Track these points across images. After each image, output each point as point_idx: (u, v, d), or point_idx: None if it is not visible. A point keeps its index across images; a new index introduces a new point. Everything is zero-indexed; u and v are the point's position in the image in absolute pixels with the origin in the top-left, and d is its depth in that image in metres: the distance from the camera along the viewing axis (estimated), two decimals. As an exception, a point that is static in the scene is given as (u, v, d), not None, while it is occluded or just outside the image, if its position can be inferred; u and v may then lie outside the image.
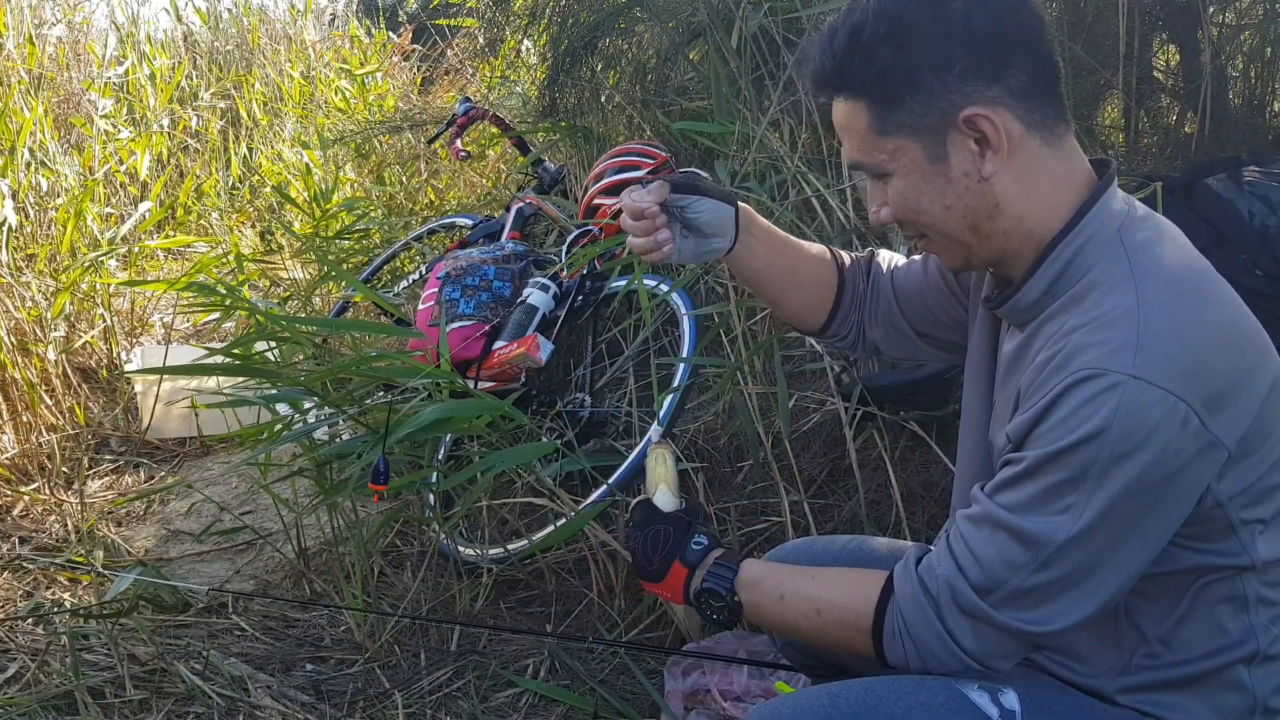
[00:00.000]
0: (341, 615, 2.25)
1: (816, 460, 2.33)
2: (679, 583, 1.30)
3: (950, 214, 1.10)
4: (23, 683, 1.97)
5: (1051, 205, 1.09)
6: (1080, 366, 0.99)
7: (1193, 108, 2.81)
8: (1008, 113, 1.05)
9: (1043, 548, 1.01)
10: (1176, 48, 3.06)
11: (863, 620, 1.14)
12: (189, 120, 5.73)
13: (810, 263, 1.45)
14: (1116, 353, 0.98)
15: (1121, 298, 1.02)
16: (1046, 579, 1.02)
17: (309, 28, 6.92)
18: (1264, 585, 1.07)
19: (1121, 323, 1.00)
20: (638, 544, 1.33)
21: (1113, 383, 0.96)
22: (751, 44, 2.70)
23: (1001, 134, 1.05)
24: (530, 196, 3.35)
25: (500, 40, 5.12)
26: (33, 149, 4.21)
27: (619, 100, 3.50)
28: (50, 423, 3.16)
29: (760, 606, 1.24)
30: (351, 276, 2.92)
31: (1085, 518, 0.99)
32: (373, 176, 5.16)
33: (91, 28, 6.12)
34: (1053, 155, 1.09)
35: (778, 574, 1.25)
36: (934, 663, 1.09)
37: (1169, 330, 0.99)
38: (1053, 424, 1.00)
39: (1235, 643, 1.08)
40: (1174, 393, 0.96)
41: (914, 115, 1.06)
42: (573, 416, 2.50)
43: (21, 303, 3.38)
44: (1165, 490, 0.99)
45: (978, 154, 1.06)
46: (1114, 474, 0.97)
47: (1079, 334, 1.02)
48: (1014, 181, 1.07)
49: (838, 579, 1.22)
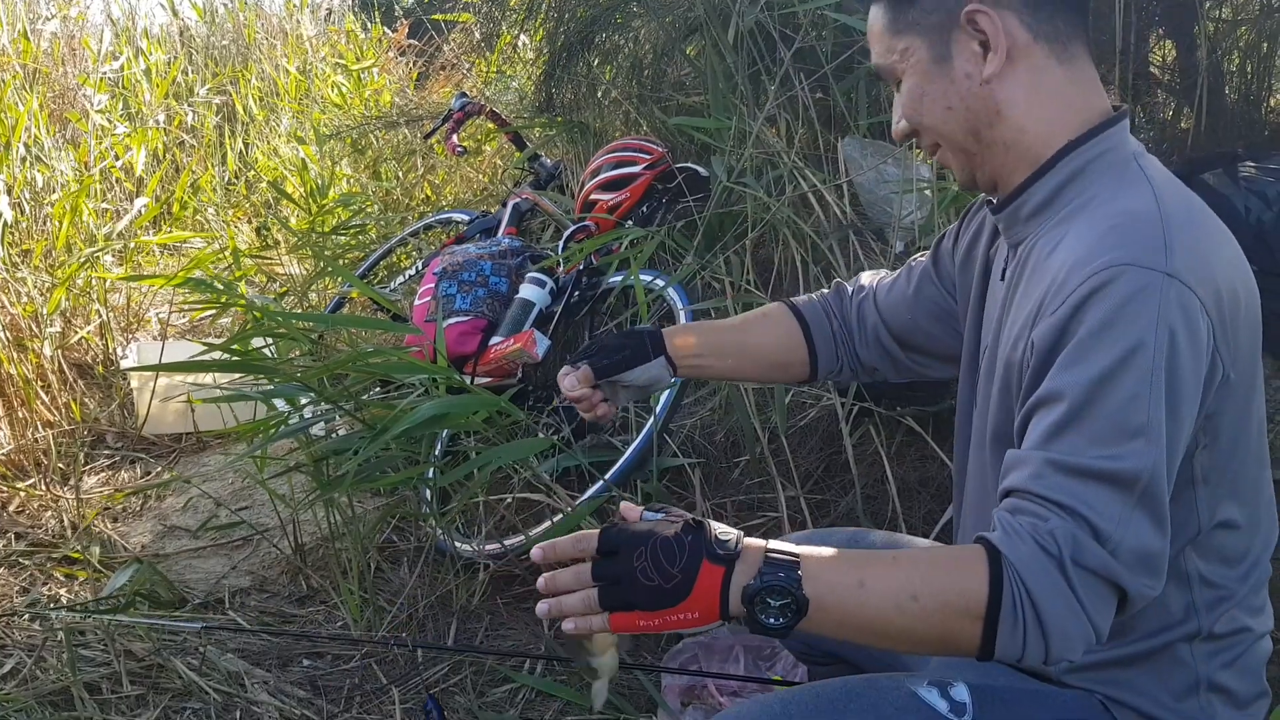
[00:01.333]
0: (339, 611, 2.25)
1: (813, 455, 2.33)
2: (713, 589, 0.96)
3: (952, 116, 1.10)
4: (19, 679, 1.97)
5: (1057, 120, 1.07)
6: (1107, 264, 0.94)
7: (1189, 103, 2.82)
8: (1014, 17, 1.06)
9: (1136, 482, 0.91)
10: (1173, 43, 3.07)
11: (973, 599, 0.92)
12: (184, 116, 5.72)
13: (761, 335, 1.46)
14: (1146, 251, 0.94)
15: (1141, 202, 0.99)
16: (1151, 522, 0.92)
17: (305, 23, 6.91)
18: (1204, 563, 1.05)
19: (1146, 223, 0.96)
20: (642, 561, 0.97)
21: (1147, 281, 0.92)
22: (748, 39, 2.70)
23: (1001, 34, 1.05)
24: (527, 192, 3.34)
25: (496, 35, 5.11)
26: (28, 144, 4.20)
27: (615, 96, 3.50)
28: (46, 419, 3.15)
29: (830, 601, 0.95)
30: (348, 272, 2.92)
31: (1158, 435, 0.92)
32: (369, 172, 5.16)
33: (87, 23, 6.10)
34: (1062, 71, 1.07)
35: (848, 559, 0.99)
36: (1059, 639, 0.92)
37: (1191, 239, 0.96)
38: (1091, 330, 0.93)
39: (1178, 621, 1.06)
40: (1202, 301, 0.93)
41: (923, 13, 1.09)
42: (569, 412, 2.50)
43: (17, 298, 3.37)
44: (1192, 397, 0.94)
45: (980, 55, 1.07)
46: (1167, 377, 0.92)
47: (1096, 233, 0.98)
48: (1017, 88, 1.07)
49: (926, 557, 1.01)
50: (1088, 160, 1.06)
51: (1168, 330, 0.92)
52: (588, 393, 1.39)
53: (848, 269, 2.36)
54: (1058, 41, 1.07)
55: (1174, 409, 0.93)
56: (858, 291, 1.47)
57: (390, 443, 1.97)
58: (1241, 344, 0.99)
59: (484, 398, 2.02)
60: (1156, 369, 0.92)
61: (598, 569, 0.99)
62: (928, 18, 1.09)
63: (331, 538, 2.33)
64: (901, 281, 1.42)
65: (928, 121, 1.12)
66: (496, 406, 2.00)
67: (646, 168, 2.81)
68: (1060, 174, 1.07)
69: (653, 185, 2.79)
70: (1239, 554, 1.08)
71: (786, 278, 2.54)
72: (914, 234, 2.41)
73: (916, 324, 1.39)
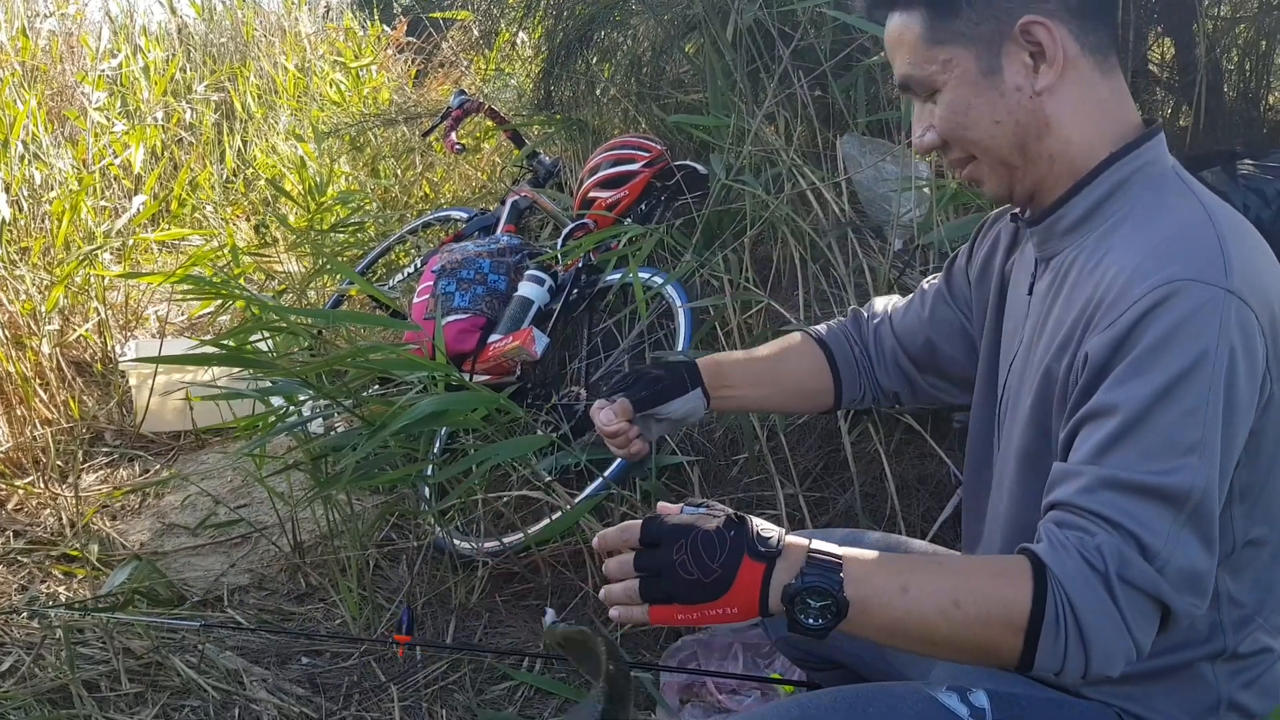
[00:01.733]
0: (337, 609, 2.25)
1: (811, 453, 2.33)
2: (754, 585, 0.96)
3: (999, 130, 1.06)
4: (18, 676, 1.97)
5: (1099, 133, 1.06)
6: (1168, 278, 0.92)
7: (1188, 101, 2.82)
8: (1064, 28, 1.03)
9: (1187, 500, 0.90)
10: (1172, 41, 3.07)
11: (1016, 610, 0.91)
12: (183, 113, 5.71)
13: (791, 364, 1.44)
14: (1207, 267, 0.92)
15: (1192, 215, 0.98)
16: (1200, 541, 0.91)
17: (304, 20, 6.90)
18: (1234, 582, 1.04)
19: (1202, 236, 0.95)
20: (683, 554, 0.97)
21: (1209, 297, 0.90)
22: (747, 37, 2.70)
23: (1059, 46, 1.03)
24: (525, 190, 3.34)
25: (495, 33, 5.11)
26: (26, 142, 4.20)
27: (614, 93, 3.50)
28: (45, 416, 3.15)
29: (874, 603, 0.95)
30: (347, 269, 2.92)
31: (1213, 453, 0.91)
32: (367, 170, 5.15)
33: (85, 20, 6.09)
34: (1104, 83, 1.06)
35: (893, 562, 0.99)
36: (1101, 655, 0.91)
37: (1247, 257, 0.95)
38: (1151, 345, 0.91)
39: (1202, 639, 1.05)
40: (1259, 319, 0.92)
41: (970, 23, 1.04)
42: (568, 410, 2.50)
43: (16, 296, 3.37)
44: (1246, 418, 0.94)
45: (1031, 68, 1.04)
46: (1226, 395, 0.91)
47: (1152, 245, 0.96)
48: (1066, 101, 1.05)
49: (972, 566, 1.02)
50: (1130, 173, 1.05)
51: (1228, 348, 0.91)
52: (624, 427, 1.34)
53: (846, 266, 2.36)
54: (1100, 53, 1.06)
55: (1229, 428, 0.92)
56: (873, 317, 1.46)
57: (389, 440, 1.97)
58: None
59: (483, 395, 2.02)
60: (1215, 387, 0.90)
61: (640, 560, 0.99)
62: (975, 28, 1.04)
63: (330, 535, 2.33)
64: (915, 304, 1.41)
65: (973, 136, 1.08)
66: (495, 404, 2.00)
67: (645, 165, 2.80)
68: (1102, 187, 1.05)
69: (651, 183, 2.79)
70: (1266, 572, 1.07)
71: (785, 275, 2.54)
72: (912, 231, 2.41)
73: (932, 346, 1.38)
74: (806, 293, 2.45)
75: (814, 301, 2.44)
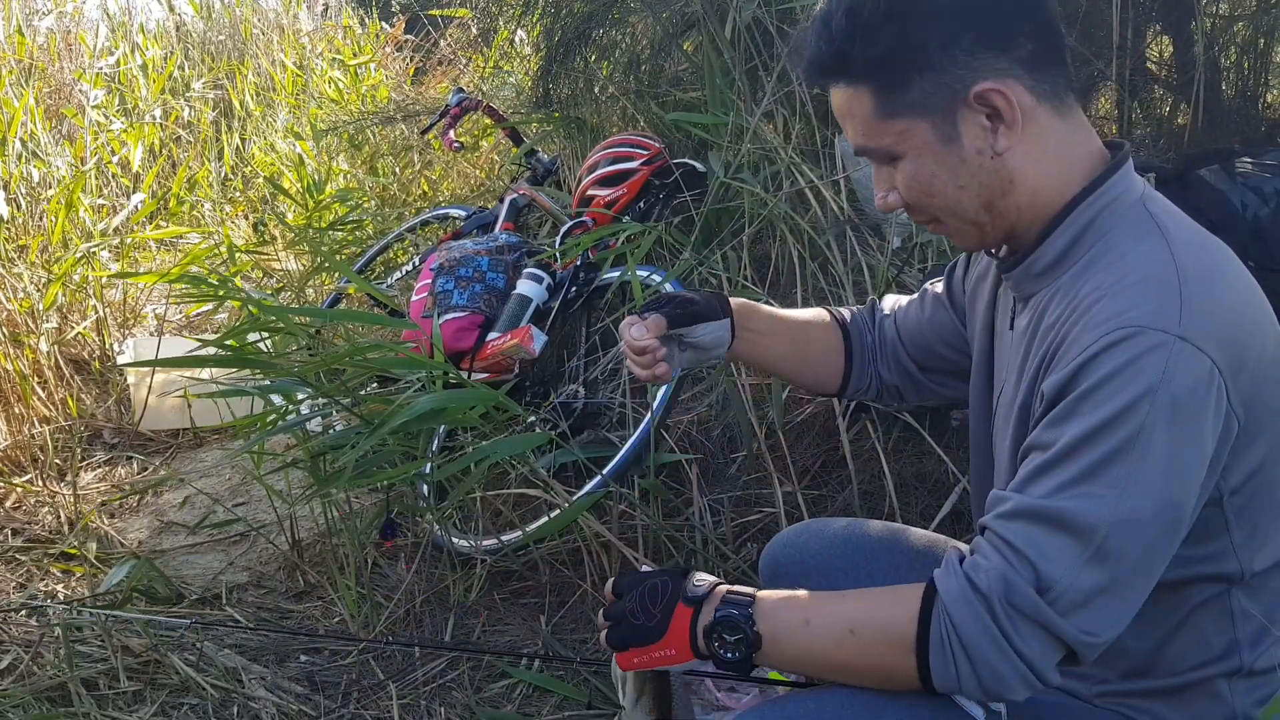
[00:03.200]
0: (335, 607, 2.25)
1: (810, 451, 2.33)
2: (684, 628, 1.09)
3: (964, 194, 1.06)
4: (16, 674, 1.97)
5: (1065, 175, 1.05)
6: (1121, 324, 0.93)
7: (1186, 99, 2.82)
8: (1018, 85, 1.02)
9: (1094, 533, 0.92)
10: (1170, 39, 3.07)
11: (904, 632, 0.98)
12: (180, 111, 5.70)
13: (814, 333, 1.44)
14: (1160, 312, 0.93)
15: (1154, 256, 0.98)
16: (1104, 576, 0.93)
17: (302, 18, 6.90)
18: (1249, 599, 1.05)
19: (1160, 280, 0.95)
20: (633, 603, 1.12)
21: (1158, 342, 0.92)
22: (745, 35, 2.70)
23: (1015, 108, 1.02)
24: (524, 188, 3.34)
25: (494, 30, 5.11)
26: (24, 139, 4.19)
27: (613, 91, 3.50)
28: (43, 414, 3.15)
29: (783, 637, 1.05)
30: (345, 267, 2.92)
31: (1134, 492, 0.92)
32: (366, 168, 5.15)
33: (83, 18, 6.09)
34: (1064, 125, 1.05)
35: (800, 598, 1.08)
36: (989, 675, 0.95)
37: (1207, 293, 0.95)
38: (1093, 385, 0.93)
39: (1219, 657, 1.06)
40: (1213, 359, 0.93)
41: (922, 94, 1.02)
42: (566, 408, 2.50)
43: (13, 294, 3.37)
44: (1198, 462, 0.94)
45: (990, 130, 1.03)
46: (1159, 439, 0.91)
47: (1112, 290, 0.97)
48: (1027, 155, 1.04)
49: (871, 595, 1.08)
50: (1098, 211, 1.04)
51: (1170, 393, 0.91)
52: (653, 344, 1.30)
53: (845, 264, 2.36)
54: (1055, 98, 1.05)
55: (1174, 467, 0.93)
56: (881, 312, 1.47)
57: (387, 438, 1.97)
58: (1256, 369, 0.98)
59: (481, 393, 2.02)
60: (1149, 428, 0.91)
61: (608, 611, 1.14)
62: (929, 99, 1.02)
63: (329, 533, 2.33)
64: (916, 305, 1.42)
65: (939, 203, 1.07)
66: (494, 402, 1.99)
67: (644, 163, 2.80)
68: (1072, 228, 1.05)
69: (650, 181, 2.79)
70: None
71: (784, 273, 2.54)
72: (910, 230, 2.41)
73: (931, 347, 1.39)
74: (805, 291, 2.45)
75: (812, 299, 2.44)
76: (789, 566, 1.45)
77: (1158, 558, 0.95)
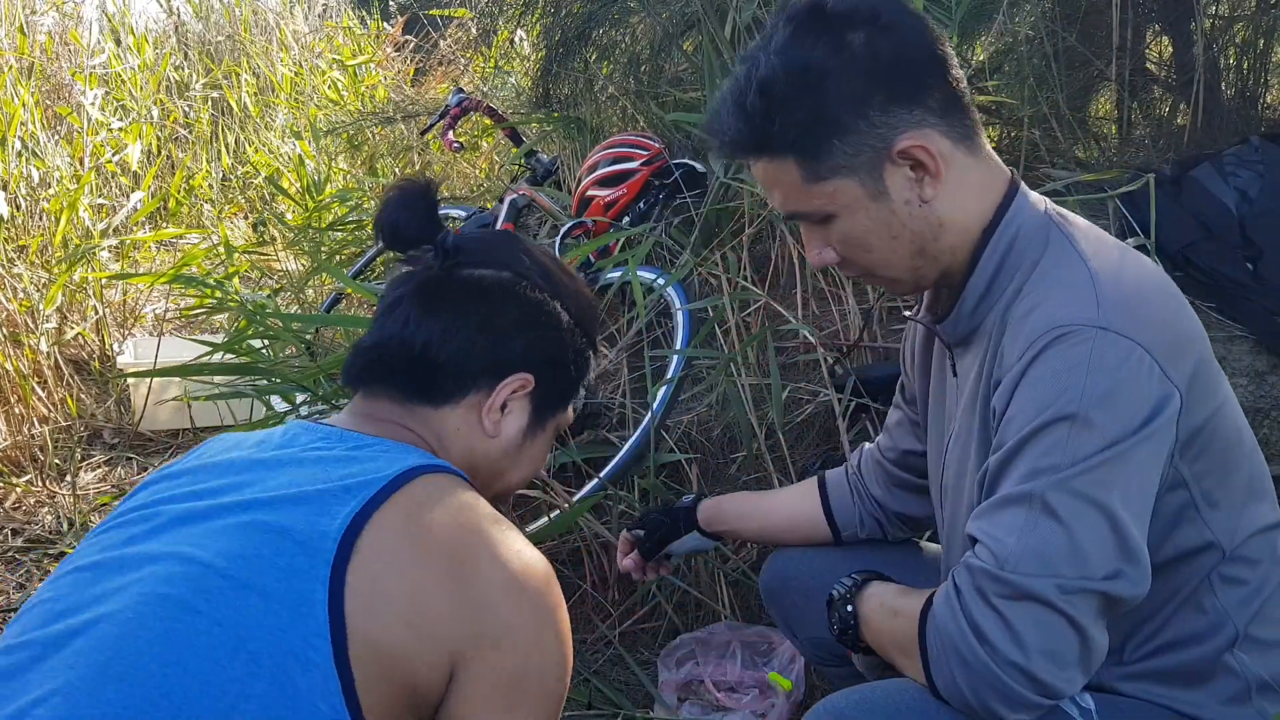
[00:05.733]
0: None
1: (809, 451, 2.33)
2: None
3: (898, 243, 1.10)
4: (16, 675, 1.97)
5: (984, 209, 1.11)
6: (1047, 328, 1.00)
7: (1185, 99, 2.82)
8: (935, 133, 1.06)
9: (1031, 496, 0.97)
10: (1169, 39, 3.07)
11: (909, 637, 1.04)
12: (179, 112, 5.70)
13: (790, 507, 1.57)
14: (1078, 309, 1.00)
15: (1070, 263, 1.05)
16: (1058, 530, 0.96)
17: (301, 18, 6.89)
18: (1226, 565, 1.08)
19: (1076, 282, 1.03)
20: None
21: (1082, 337, 0.98)
22: (745, 35, 2.70)
23: (937, 157, 1.06)
24: (523, 188, 3.34)
25: (493, 31, 5.10)
26: (24, 139, 4.19)
27: (612, 91, 3.50)
28: (42, 414, 3.15)
29: (871, 617, 1.14)
30: (340, 271, 2.92)
31: (1071, 455, 0.96)
32: (365, 168, 5.15)
33: (81, 18, 6.08)
34: (978, 162, 1.10)
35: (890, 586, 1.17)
36: (968, 677, 0.97)
37: (1120, 284, 1.02)
38: (1032, 387, 0.99)
39: (1214, 629, 1.08)
40: (1137, 341, 0.98)
41: (845, 157, 1.06)
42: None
43: (13, 294, 3.37)
44: (1144, 441, 0.98)
45: (915, 180, 1.07)
46: (1095, 425, 0.96)
47: (1040, 304, 1.04)
48: (952, 198, 1.08)
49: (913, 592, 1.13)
50: (1010, 238, 1.09)
51: (1102, 378, 0.97)
52: (637, 568, 1.63)
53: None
54: (967, 138, 1.09)
55: (1126, 448, 0.97)
56: (860, 455, 1.55)
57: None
58: (1190, 351, 1.04)
59: (481, 394, 2.01)
60: (1084, 412, 0.96)
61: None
62: (852, 160, 1.06)
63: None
64: (890, 421, 1.49)
65: (876, 256, 1.11)
66: (493, 402, 1.99)
67: (644, 164, 2.80)
68: (995, 253, 1.10)
69: (650, 181, 2.79)
70: (1269, 555, 1.11)
71: (784, 274, 2.54)
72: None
73: (903, 455, 1.44)
74: (805, 291, 2.45)
75: (812, 300, 2.44)
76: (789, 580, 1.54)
77: (1104, 495, 0.96)
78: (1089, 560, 0.95)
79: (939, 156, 1.06)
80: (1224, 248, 2.18)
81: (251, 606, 0.89)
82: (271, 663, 0.87)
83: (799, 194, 1.10)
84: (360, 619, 0.89)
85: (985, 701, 0.96)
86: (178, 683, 0.86)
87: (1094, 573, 0.96)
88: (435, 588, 0.93)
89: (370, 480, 0.97)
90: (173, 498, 1.01)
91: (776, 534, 1.59)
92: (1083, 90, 2.93)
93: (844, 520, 1.51)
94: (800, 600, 1.50)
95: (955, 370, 1.20)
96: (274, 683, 0.86)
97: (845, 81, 1.04)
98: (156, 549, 0.95)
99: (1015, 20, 2.64)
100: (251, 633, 0.88)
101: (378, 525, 0.93)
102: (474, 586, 0.95)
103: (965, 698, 0.98)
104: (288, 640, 0.87)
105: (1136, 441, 0.97)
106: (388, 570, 0.92)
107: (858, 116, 1.04)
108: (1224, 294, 2.14)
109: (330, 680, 0.87)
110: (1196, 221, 2.21)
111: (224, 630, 0.88)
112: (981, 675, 0.96)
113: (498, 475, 1.19)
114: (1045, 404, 0.98)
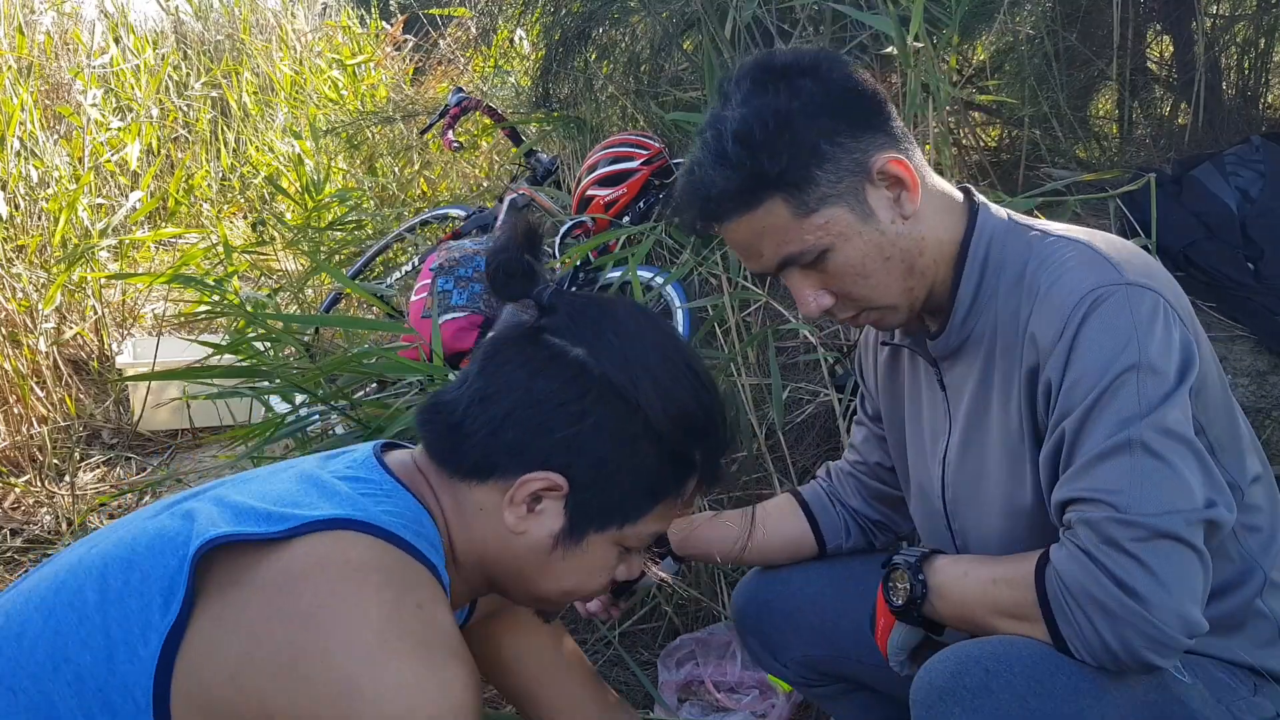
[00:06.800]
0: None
1: (810, 451, 2.33)
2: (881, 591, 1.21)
3: (891, 265, 1.14)
4: (15, 676, 1.97)
5: (954, 222, 1.17)
6: (1080, 296, 1.05)
7: (1186, 99, 2.82)
8: (901, 153, 1.13)
9: (1130, 445, 1.00)
10: (1170, 39, 3.07)
11: (1019, 602, 1.05)
12: (178, 111, 5.70)
13: (775, 525, 1.53)
14: (1099, 273, 1.06)
15: (1062, 246, 1.11)
16: (1160, 466, 0.99)
17: (301, 18, 6.89)
18: (1245, 515, 1.11)
19: (1082, 255, 1.09)
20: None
21: (1116, 296, 1.04)
22: (745, 34, 2.69)
23: (914, 171, 1.12)
24: (523, 187, 3.34)
25: (493, 30, 5.10)
26: (22, 138, 4.19)
27: (612, 90, 3.49)
28: (41, 414, 3.15)
29: (946, 587, 1.14)
30: (340, 272, 2.91)
31: (1148, 399, 1.01)
32: (365, 167, 5.14)
33: (81, 17, 6.08)
34: (938, 182, 1.18)
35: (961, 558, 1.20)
36: (1114, 628, 0.97)
37: (1115, 247, 1.11)
38: (1088, 349, 1.03)
39: (1243, 574, 1.12)
40: (1159, 293, 1.06)
41: (830, 184, 1.10)
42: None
43: (12, 294, 3.36)
44: (1188, 380, 1.03)
45: (893, 199, 1.13)
46: (1158, 369, 1.02)
47: (1058, 280, 1.08)
48: (928, 214, 1.15)
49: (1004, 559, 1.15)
50: (987, 244, 1.16)
51: (1148, 326, 1.03)
52: (604, 606, 1.58)
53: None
54: (921, 159, 1.16)
55: (1180, 387, 1.02)
56: (830, 470, 1.56)
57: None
58: (1186, 309, 1.11)
59: (480, 394, 2.01)
60: (1145, 360, 1.02)
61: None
62: (836, 185, 1.10)
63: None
64: (855, 439, 1.51)
65: (874, 281, 1.14)
66: (493, 403, 1.98)
67: (644, 163, 2.80)
68: (975, 261, 1.16)
69: (650, 181, 2.79)
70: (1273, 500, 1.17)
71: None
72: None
73: (875, 468, 1.47)
74: (805, 291, 2.44)
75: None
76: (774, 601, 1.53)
77: (1185, 429, 1.01)
78: (1194, 492, 1.00)
79: (915, 170, 1.13)
80: (1225, 247, 2.18)
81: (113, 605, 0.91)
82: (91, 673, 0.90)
83: (791, 234, 1.12)
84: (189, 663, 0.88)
85: (1135, 650, 0.97)
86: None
87: (1199, 503, 1.00)
88: (265, 662, 0.87)
89: (297, 516, 0.92)
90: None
91: (758, 550, 1.54)
92: (1083, 90, 2.92)
93: (829, 530, 1.51)
94: (783, 622, 1.50)
95: (943, 384, 1.24)
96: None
97: (812, 117, 1.10)
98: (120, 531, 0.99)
99: (1016, 20, 2.64)
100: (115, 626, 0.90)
101: (247, 565, 0.90)
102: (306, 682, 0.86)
103: (1111, 650, 0.98)
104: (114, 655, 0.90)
105: (1186, 380, 1.03)
106: (228, 628, 0.89)
107: (833, 144, 1.10)
108: (1225, 294, 2.14)
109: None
110: (1197, 221, 2.21)
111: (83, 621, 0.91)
112: (1130, 623, 0.97)
113: (521, 578, 1.05)
114: (1108, 361, 1.02)
